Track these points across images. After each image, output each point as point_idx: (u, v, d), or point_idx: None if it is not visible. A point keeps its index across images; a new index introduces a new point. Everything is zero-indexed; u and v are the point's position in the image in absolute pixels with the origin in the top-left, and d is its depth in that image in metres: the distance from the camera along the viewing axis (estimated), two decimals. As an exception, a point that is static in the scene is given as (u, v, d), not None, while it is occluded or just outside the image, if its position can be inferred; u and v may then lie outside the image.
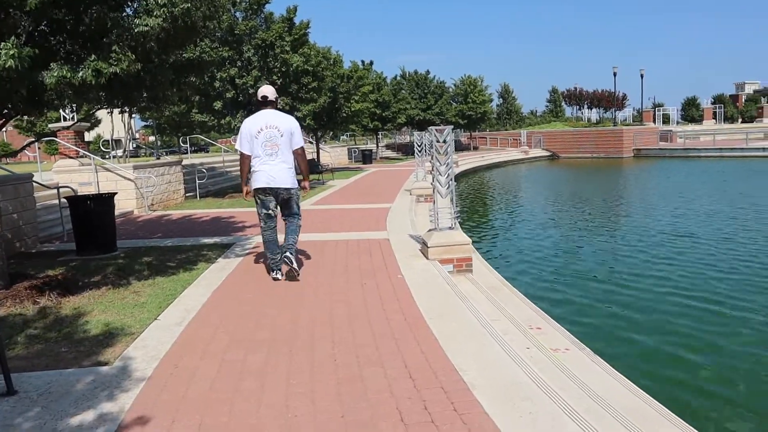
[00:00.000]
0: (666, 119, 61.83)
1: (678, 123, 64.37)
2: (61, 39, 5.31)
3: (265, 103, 6.36)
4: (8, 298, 5.67)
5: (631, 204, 18.31)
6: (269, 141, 6.17)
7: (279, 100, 8.59)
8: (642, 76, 54.61)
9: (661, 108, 64.97)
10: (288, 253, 6.30)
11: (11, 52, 4.49)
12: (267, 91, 6.45)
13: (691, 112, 73.44)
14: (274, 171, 6.22)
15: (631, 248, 11.34)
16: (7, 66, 4.49)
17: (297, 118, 12.41)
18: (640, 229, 13.44)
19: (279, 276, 6.43)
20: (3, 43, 4.56)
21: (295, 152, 6.36)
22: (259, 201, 6.45)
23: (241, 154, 6.35)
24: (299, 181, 6.49)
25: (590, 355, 4.48)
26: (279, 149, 6.20)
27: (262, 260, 7.47)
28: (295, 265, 6.29)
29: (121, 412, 3.41)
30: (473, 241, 7.40)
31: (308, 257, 7.63)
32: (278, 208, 6.49)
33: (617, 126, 47.87)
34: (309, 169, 6.88)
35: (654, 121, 57.73)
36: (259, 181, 6.28)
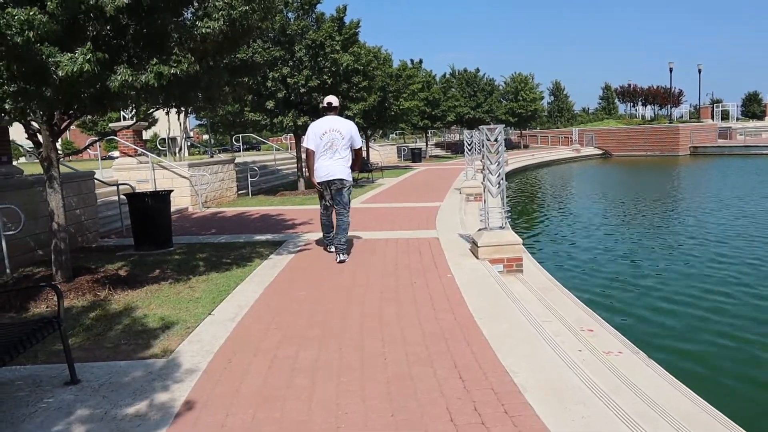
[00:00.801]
0: (725, 116, 59.60)
1: (738, 119, 61.98)
2: (123, 43, 5.50)
3: (330, 108, 7.40)
4: (71, 291, 5.91)
5: (685, 204, 17.74)
6: (331, 141, 7.20)
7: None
8: (700, 71, 52.85)
9: (720, 104, 62.64)
10: (341, 256, 7.28)
11: (87, 57, 4.70)
12: (332, 99, 7.53)
13: (752, 108, 70.60)
14: (331, 166, 7.23)
15: (685, 250, 10.99)
16: (84, 70, 4.69)
17: (347, 117, 12.51)
18: (695, 229, 13.01)
19: (332, 250, 7.64)
20: (79, 49, 4.77)
21: (355, 151, 7.45)
22: (319, 192, 7.59)
23: (307, 150, 7.38)
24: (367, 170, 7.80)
25: (644, 359, 4.37)
26: (338, 149, 7.23)
27: (312, 259, 7.57)
28: (344, 257, 7.29)
29: (176, 404, 3.51)
30: (523, 241, 7.31)
31: (359, 255, 7.68)
32: (333, 199, 7.43)
33: (673, 123, 46.44)
34: (360, 166, 8.18)
35: (712, 118, 55.73)
36: (319, 174, 7.32)
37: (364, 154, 24.97)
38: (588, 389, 3.55)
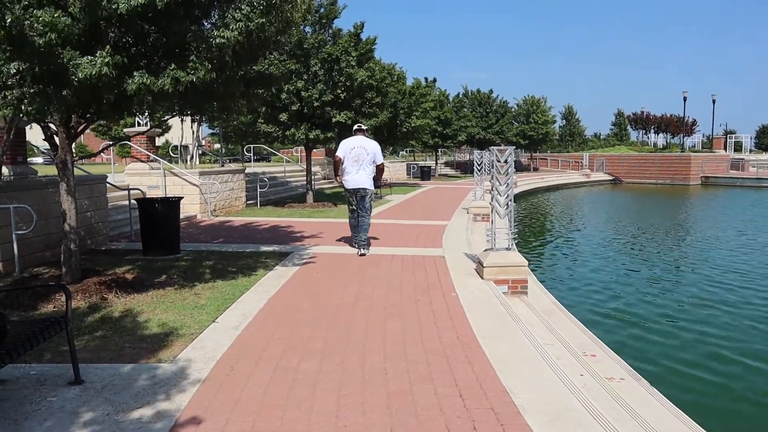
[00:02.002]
0: (738, 147, 59.41)
1: (751, 151, 61.76)
2: (143, 49, 5.60)
3: (359, 130, 9.28)
4: (79, 292, 5.97)
5: (693, 234, 17.68)
6: (357, 156, 8.99)
7: (343, 114, 14.73)
8: (714, 101, 53.06)
9: (733, 135, 62.51)
10: (362, 250, 8.93)
11: (106, 60, 4.80)
12: (362, 124, 9.73)
13: (766, 140, 70.44)
14: (358, 178, 9.01)
15: (690, 280, 10.95)
16: (102, 73, 4.78)
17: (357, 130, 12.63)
18: (700, 261, 12.96)
19: (359, 250, 9.00)
20: (99, 52, 4.87)
21: (377, 167, 9.16)
22: (347, 199, 9.36)
23: (336, 157, 9.22)
24: (377, 186, 9.49)
25: (646, 386, 4.36)
26: (363, 163, 8.98)
27: (317, 272, 7.61)
28: (364, 251, 8.93)
29: (178, 409, 3.54)
30: (529, 263, 7.32)
31: (364, 270, 7.71)
32: (357, 204, 9.12)
33: (684, 152, 46.36)
34: (381, 179, 10.66)
35: (725, 149, 55.57)
36: (348, 184, 9.08)
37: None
38: (588, 414, 3.55)
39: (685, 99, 48.62)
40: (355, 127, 9.45)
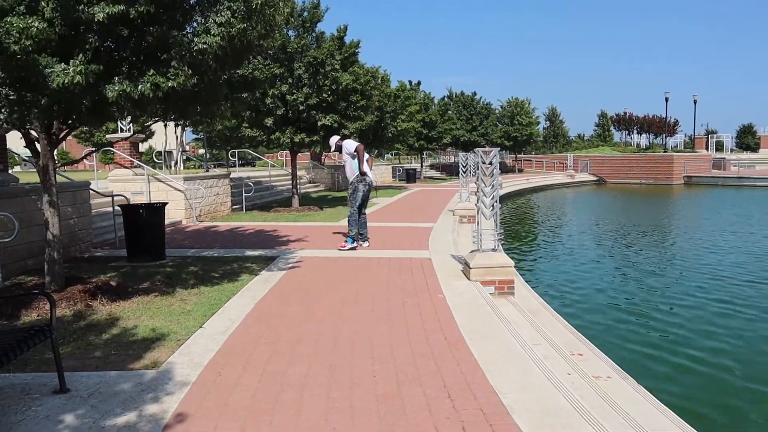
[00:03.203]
0: (720, 147, 60.19)
1: (732, 151, 62.58)
2: (124, 55, 5.56)
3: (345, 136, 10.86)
4: (63, 300, 5.90)
5: (676, 233, 17.86)
6: (368, 157, 10.28)
7: (329, 117, 15.41)
8: (695, 102, 53.45)
9: (715, 135, 63.31)
10: (367, 243, 10.17)
11: (78, 68, 4.75)
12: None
13: (746, 139, 71.37)
14: (371, 176, 10.27)
15: (678, 276, 11.06)
16: (75, 81, 4.73)
17: (344, 136, 12.68)
18: (684, 258, 13.10)
19: (364, 243, 10.06)
20: (72, 60, 4.82)
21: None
22: (363, 195, 10.11)
23: (360, 147, 10.13)
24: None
25: (633, 384, 4.39)
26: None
27: (304, 275, 7.60)
28: (367, 244, 10.06)
29: (166, 415, 3.51)
30: (515, 264, 7.36)
31: (351, 273, 7.71)
32: (366, 201, 10.21)
33: (667, 152, 46.84)
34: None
35: (707, 148, 56.24)
36: (366, 180, 10.02)
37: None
38: (576, 413, 3.57)
39: (667, 100, 49.03)
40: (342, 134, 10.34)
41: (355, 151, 9.99)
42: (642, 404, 3.97)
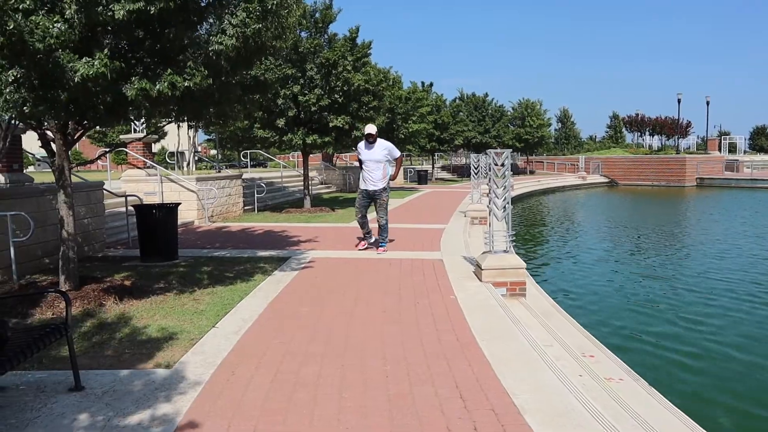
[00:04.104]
0: (732, 148, 59.62)
1: (745, 152, 61.97)
2: (140, 55, 5.61)
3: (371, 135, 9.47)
4: (77, 299, 5.96)
5: (688, 235, 17.73)
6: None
7: (340, 119, 14.60)
8: (708, 103, 53.10)
9: (728, 136, 62.71)
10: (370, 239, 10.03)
11: (104, 61, 4.82)
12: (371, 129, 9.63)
13: (760, 141, 70.70)
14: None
15: (690, 278, 10.98)
16: (99, 72, 4.79)
17: (356, 137, 12.69)
18: (697, 261, 13.00)
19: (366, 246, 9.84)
20: (97, 53, 4.89)
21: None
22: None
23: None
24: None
25: (645, 387, 4.38)
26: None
27: (316, 276, 7.62)
28: (382, 247, 9.64)
29: (179, 414, 3.54)
30: (526, 265, 7.34)
31: (363, 274, 7.72)
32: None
33: (679, 154, 46.51)
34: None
35: (719, 150, 55.76)
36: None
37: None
38: (588, 414, 3.56)
39: (679, 101, 48.69)
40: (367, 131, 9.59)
41: (395, 159, 9.90)
42: (654, 406, 3.96)
